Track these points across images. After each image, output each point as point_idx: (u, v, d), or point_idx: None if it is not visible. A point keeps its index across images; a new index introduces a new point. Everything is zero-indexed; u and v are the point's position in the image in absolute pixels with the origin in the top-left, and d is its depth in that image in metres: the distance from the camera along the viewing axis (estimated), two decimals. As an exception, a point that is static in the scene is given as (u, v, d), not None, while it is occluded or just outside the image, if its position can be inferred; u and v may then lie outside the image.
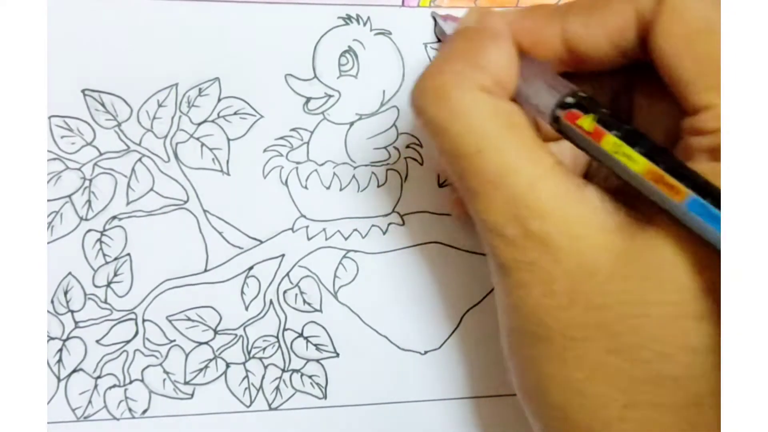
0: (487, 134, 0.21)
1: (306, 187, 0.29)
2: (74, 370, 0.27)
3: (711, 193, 0.18)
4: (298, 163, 0.29)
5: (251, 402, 0.28)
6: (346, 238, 0.29)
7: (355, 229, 0.29)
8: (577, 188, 0.21)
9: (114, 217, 0.28)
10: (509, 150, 0.21)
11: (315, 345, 0.28)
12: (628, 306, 0.19)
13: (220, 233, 0.28)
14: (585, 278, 0.20)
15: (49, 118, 0.28)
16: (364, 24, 0.29)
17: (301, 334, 0.28)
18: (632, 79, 0.24)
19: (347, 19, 0.29)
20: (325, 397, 0.28)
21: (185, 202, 0.28)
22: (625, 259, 0.20)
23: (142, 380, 0.28)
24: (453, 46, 0.23)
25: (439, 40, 0.29)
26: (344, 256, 0.29)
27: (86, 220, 0.28)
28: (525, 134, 0.21)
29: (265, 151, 0.29)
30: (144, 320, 0.28)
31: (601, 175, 0.25)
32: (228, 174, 0.28)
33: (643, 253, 0.20)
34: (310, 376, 0.28)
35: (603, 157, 0.20)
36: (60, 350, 0.27)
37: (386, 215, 0.29)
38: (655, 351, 0.19)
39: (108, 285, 0.28)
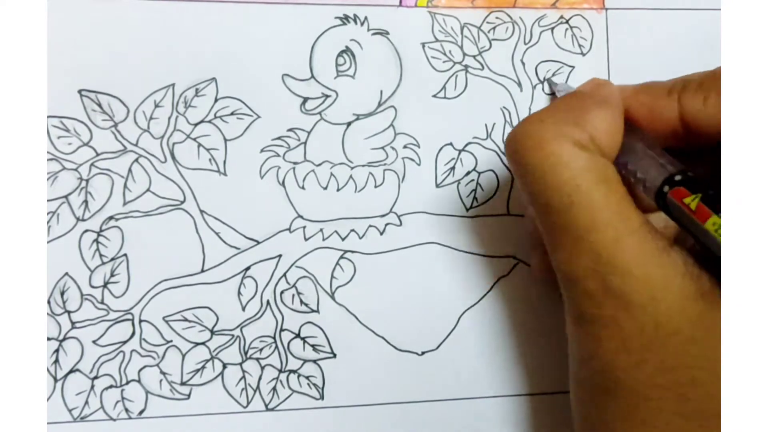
0: (580, 188, 0.21)
1: (303, 188, 0.29)
2: (71, 371, 0.27)
3: None
4: (295, 163, 0.29)
5: (248, 403, 0.28)
6: (343, 239, 0.29)
7: (353, 230, 0.29)
8: (662, 249, 0.21)
9: (111, 218, 0.28)
10: (599, 205, 0.21)
11: (312, 346, 0.28)
12: (703, 372, 0.20)
13: (216, 234, 0.28)
14: (661, 339, 0.20)
15: (46, 118, 0.28)
16: (362, 24, 0.29)
17: (298, 335, 0.28)
18: None
19: (344, 19, 0.29)
20: (322, 397, 0.28)
21: (182, 202, 0.28)
22: (703, 325, 0.20)
23: (138, 381, 0.28)
24: (559, 102, 0.24)
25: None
26: (341, 257, 0.29)
27: (83, 220, 0.28)
28: (616, 190, 0.21)
29: (262, 151, 0.29)
30: (141, 321, 0.28)
31: (688, 242, 0.25)
32: (225, 174, 0.28)
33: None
34: (307, 377, 0.28)
35: (705, 236, 0.20)
36: (57, 351, 0.27)
37: (384, 215, 0.29)
38: None
39: (105, 285, 0.28)
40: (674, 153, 0.23)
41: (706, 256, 0.21)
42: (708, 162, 0.24)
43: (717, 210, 0.20)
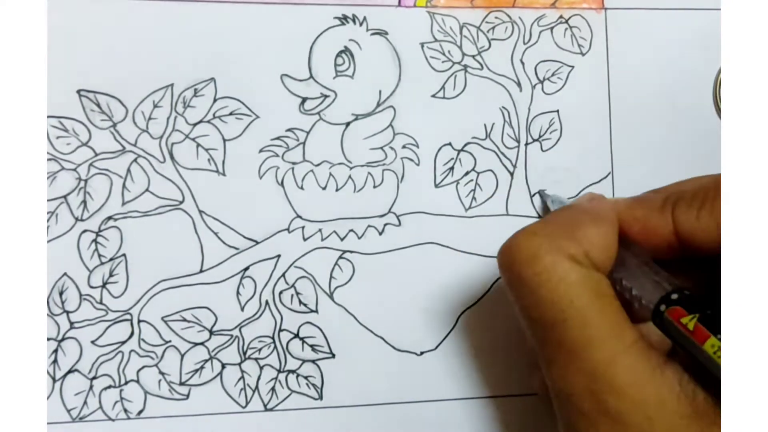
0: (574, 303, 0.21)
1: (302, 188, 0.29)
2: (69, 371, 0.27)
3: None
4: (294, 163, 0.29)
5: (247, 403, 0.28)
6: (342, 239, 0.29)
7: (351, 230, 0.29)
8: (656, 367, 0.20)
9: (109, 218, 0.28)
10: (593, 321, 0.21)
11: (311, 346, 0.28)
12: None
13: (215, 234, 0.28)
14: None
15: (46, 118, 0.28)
16: (361, 24, 0.29)
17: (296, 335, 0.28)
18: None
19: (343, 19, 0.29)
20: (320, 398, 0.28)
21: (181, 202, 0.28)
22: None
23: (137, 381, 0.28)
24: (553, 216, 0.24)
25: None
26: (340, 257, 0.29)
27: (82, 220, 0.28)
28: (610, 305, 0.21)
29: (260, 151, 0.29)
30: (139, 321, 0.28)
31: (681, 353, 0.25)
32: (224, 174, 0.28)
33: None
34: (305, 377, 0.28)
35: (702, 357, 0.20)
36: (55, 351, 0.27)
37: (382, 216, 0.29)
38: None
39: (103, 286, 0.28)
40: (669, 263, 0.23)
41: (701, 372, 0.21)
42: (703, 273, 0.24)
43: (715, 330, 0.20)
